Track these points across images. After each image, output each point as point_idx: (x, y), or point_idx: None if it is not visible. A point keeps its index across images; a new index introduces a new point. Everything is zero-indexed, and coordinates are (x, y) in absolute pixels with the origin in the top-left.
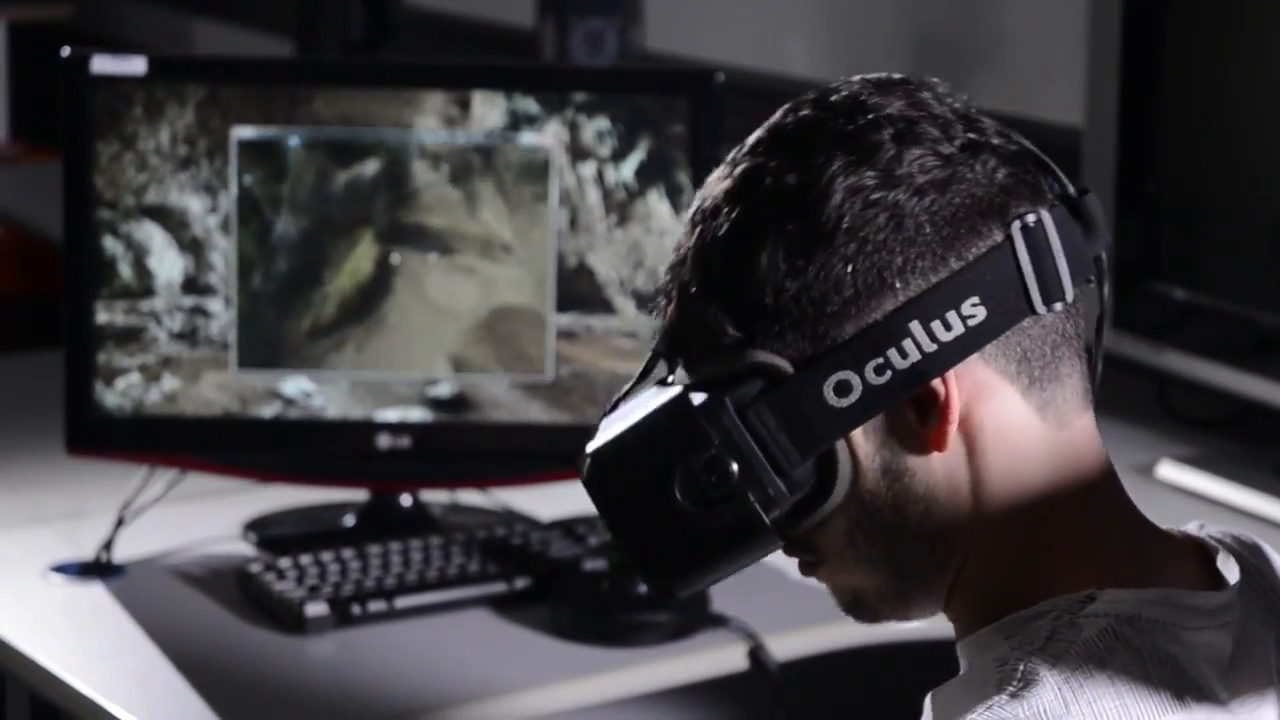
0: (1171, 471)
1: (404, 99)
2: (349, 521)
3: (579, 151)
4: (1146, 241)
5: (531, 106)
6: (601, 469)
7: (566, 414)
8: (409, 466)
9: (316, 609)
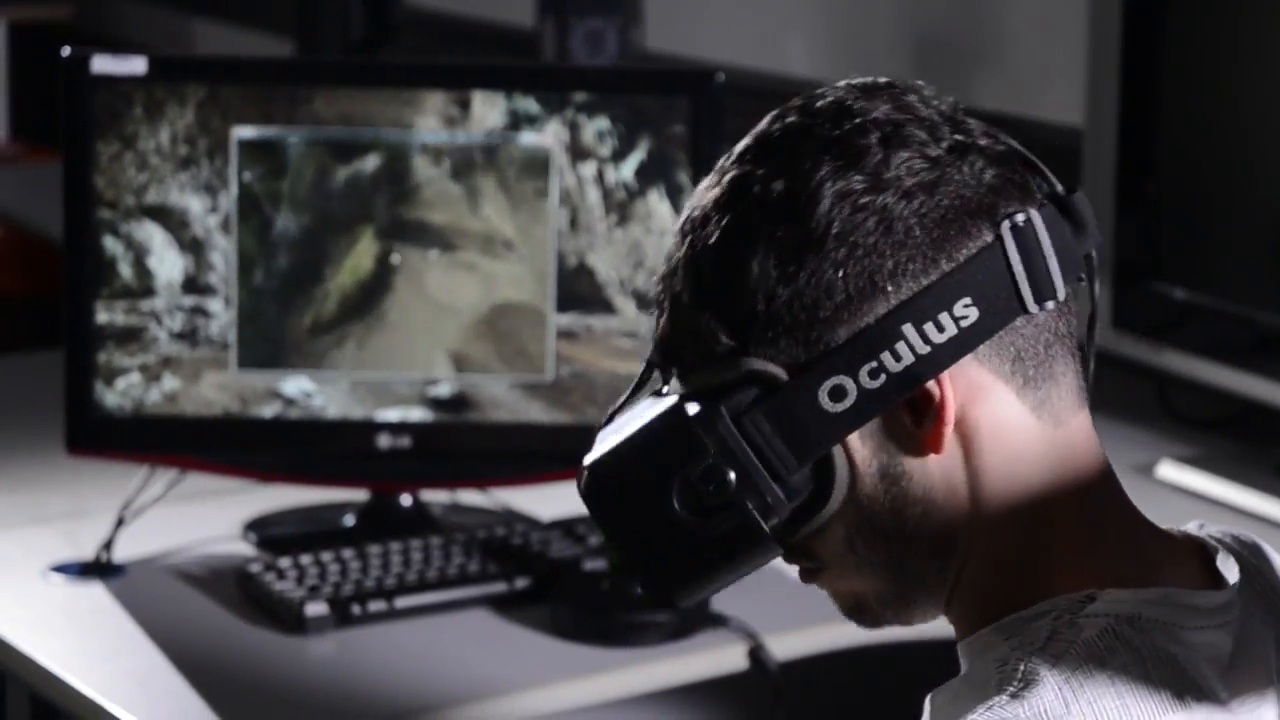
0: (1171, 471)
1: (404, 99)
2: (349, 521)
3: (579, 151)
4: (1146, 241)
5: (531, 106)
6: (599, 481)
7: (566, 414)
8: (409, 466)
9: (316, 609)
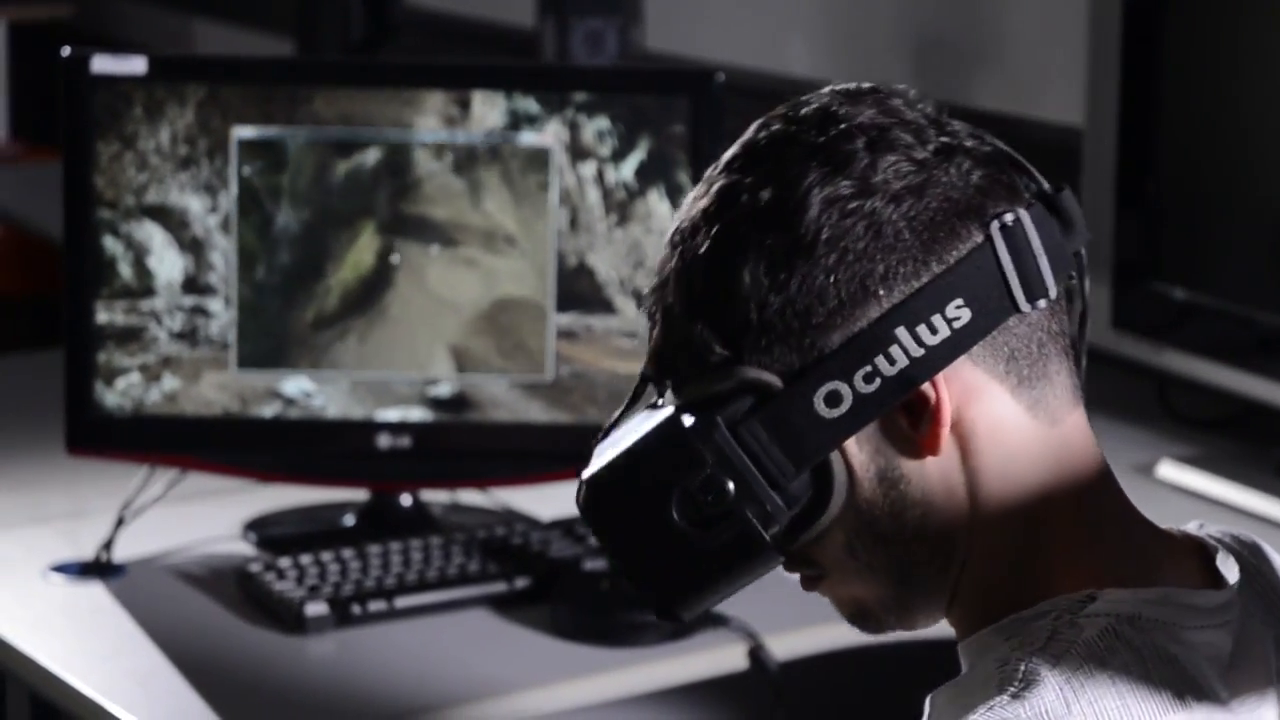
0: (1171, 471)
1: (404, 99)
2: (349, 521)
3: (579, 151)
4: (1146, 241)
5: (531, 106)
6: (598, 496)
7: (566, 414)
8: (409, 466)
9: (316, 609)
